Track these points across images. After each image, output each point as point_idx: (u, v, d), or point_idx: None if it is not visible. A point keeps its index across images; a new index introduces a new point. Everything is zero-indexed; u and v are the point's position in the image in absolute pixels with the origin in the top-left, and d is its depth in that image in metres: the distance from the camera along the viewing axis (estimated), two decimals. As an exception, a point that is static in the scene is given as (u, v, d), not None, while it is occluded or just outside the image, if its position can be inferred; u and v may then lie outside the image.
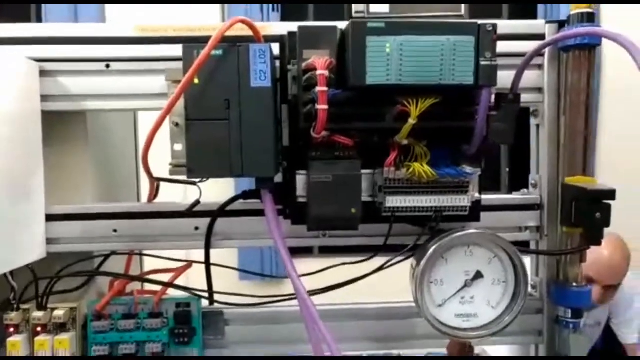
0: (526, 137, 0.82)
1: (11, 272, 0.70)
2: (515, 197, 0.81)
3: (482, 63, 0.59)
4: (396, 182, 0.66)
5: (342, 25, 0.63)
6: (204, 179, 0.64)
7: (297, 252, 0.71)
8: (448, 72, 0.60)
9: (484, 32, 0.60)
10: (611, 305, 1.74)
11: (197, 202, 0.72)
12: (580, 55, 0.72)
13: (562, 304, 0.76)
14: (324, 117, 0.59)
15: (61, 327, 0.73)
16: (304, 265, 0.83)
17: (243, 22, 0.61)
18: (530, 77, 0.77)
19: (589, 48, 0.72)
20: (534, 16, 3.07)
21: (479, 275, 0.65)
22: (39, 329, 0.72)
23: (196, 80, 0.59)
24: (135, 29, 0.72)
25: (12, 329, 0.72)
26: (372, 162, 0.67)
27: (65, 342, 0.72)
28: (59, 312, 0.72)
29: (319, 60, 0.59)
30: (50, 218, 0.74)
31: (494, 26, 0.60)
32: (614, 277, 1.55)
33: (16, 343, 0.71)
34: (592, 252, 1.47)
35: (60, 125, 0.76)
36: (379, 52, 0.58)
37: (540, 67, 0.77)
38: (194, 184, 0.67)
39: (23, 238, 0.69)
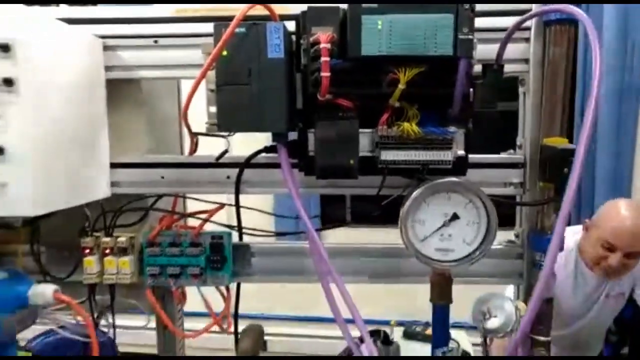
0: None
1: (87, 205, 0.89)
2: (502, 156, 0.91)
3: (460, 37, 0.70)
4: (389, 138, 0.79)
5: (345, 6, 0.75)
6: (232, 134, 0.80)
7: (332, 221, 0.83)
8: (431, 45, 0.71)
9: (462, 11, 0.70)
10: (636, 277, 1.71)
11: (225, 152, 0.88)
12: (560, 29, 0.81)
13: (537, 250, 0.87)
14: (326, 83, 0.72)
15: (123, 251, 0.93)
16: (338, 232, 1.02)
17: (261, 4, 0.75)
18: (518, 49, 0.87)
19: (569, 23, 0.80)
20: None
21: (455, 216, 0.77)
22: (107, 251, 0.93)
23: (225, 53, 0.74)
24: (177, 11, 0.88)
25: (87, 251, 0.92)
26: (372, 122, 0.80)
27: (127, 263, 0.92)
28: (121, 239, 0.92)
29: (323, 35, 0.72)
30: (113, 165, 0.93)
31: (471, 5, 0.70)
32: (636, 243, 1.42)
33: (90, 261, 0.92)
34: (613, 218, 1.46)
35: (120, 90, 0.94)
36: (372, 28, 0.71)
37: (527, 40, 0.86)
38: (223, 137, 0.83)
39: (93, 179, 0.89)
